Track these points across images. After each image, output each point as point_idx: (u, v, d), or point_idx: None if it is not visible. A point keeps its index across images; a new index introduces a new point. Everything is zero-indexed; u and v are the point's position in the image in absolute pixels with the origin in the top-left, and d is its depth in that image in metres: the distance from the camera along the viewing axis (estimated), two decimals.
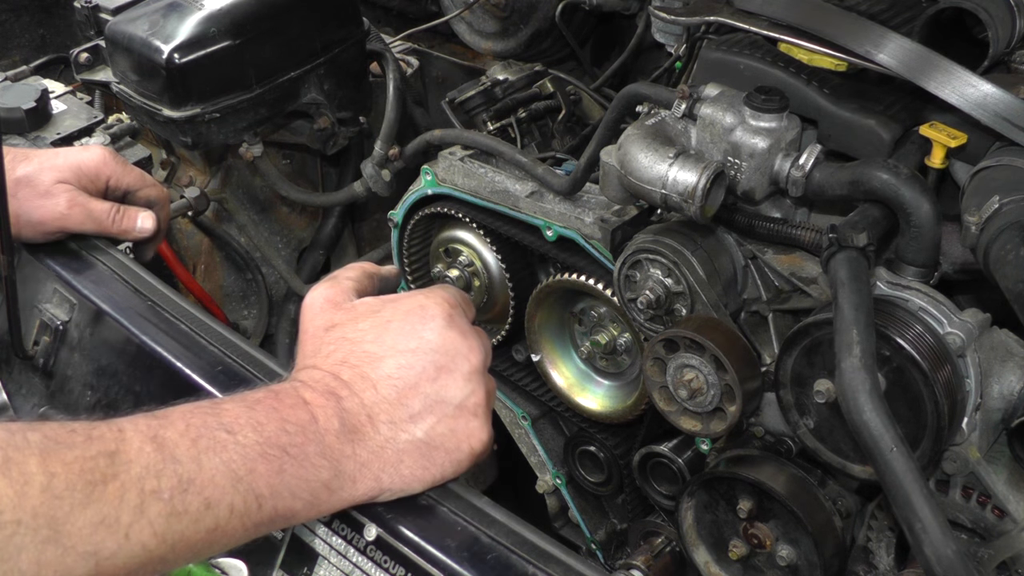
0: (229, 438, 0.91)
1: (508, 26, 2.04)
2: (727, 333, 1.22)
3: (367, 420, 0.99)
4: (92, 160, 1.48)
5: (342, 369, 1.01)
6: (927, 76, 1.17)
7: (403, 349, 1.02)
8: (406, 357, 1.02)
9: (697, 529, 1.36)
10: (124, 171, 1.51)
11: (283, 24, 1.80)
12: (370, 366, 1.01)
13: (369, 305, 1.07)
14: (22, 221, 1.43)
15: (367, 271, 1.16)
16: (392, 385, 1.01)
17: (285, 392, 0.98)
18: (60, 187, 1.44)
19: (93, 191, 1.48)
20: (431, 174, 1.60)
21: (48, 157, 1.47)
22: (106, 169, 1.49)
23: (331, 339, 1.04)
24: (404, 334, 1.03)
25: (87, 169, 1.47)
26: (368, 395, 1.00)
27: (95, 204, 1.47)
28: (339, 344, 1.03)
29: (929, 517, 0.94)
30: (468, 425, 1.03)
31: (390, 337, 1.03)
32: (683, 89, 1.26)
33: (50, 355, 1.44)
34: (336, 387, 0.99)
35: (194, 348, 1.32)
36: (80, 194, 1.45)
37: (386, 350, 1.02)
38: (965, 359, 1.11)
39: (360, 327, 1.04)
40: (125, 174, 1.51)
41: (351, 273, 1.13)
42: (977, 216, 1.09)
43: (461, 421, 1.03)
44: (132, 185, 1.52)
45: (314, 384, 1.00)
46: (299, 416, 0.95)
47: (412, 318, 1.04)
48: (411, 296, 1.08)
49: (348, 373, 1.01)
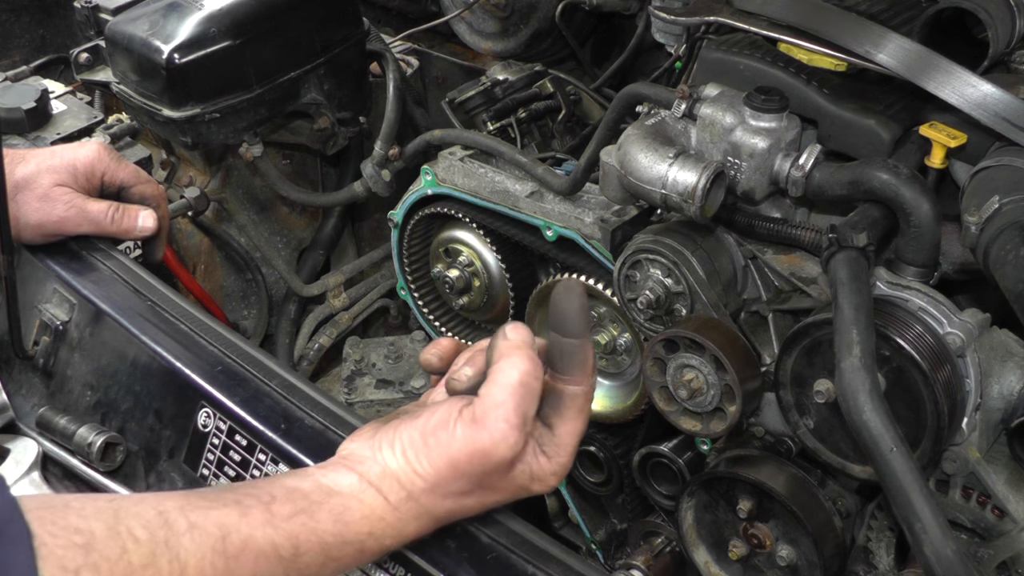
0: None
1: (508, 26, 2.04)
2: (727, 333, 1.22)
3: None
4: (87, 157, 1.47)
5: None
6: (927, 76, 1.17)
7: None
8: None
9: (697, 529, 1.36)
10: (119, 166, 1.51)
11: (283, 24, 1.80)
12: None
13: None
14: (21, 224, 1.42)
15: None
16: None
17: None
18: (58, 190, 1.44)
19: (89, 189, 1.48)
20: (431, 174, 1.60)
21: (45, 158, 1.46)
22: (100, 165, 1.48)
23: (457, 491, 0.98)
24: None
25: (82, 167, 1.47)
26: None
27: (92, 205, 1.46)
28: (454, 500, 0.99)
29: (929, 517, 0.94)
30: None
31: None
32: (683, 89, 1.26)
33: (50, 355, 1.44)
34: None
35: (194, 348, 1.32)
36: (77, 196, 1.45)
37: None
38: (965, 359, 1.11)
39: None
40: (119, 170, 1.50)
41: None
42: (977, 216, 1.09)
43: None
44: (126, 181, 1.51)
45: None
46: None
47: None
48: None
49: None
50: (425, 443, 0.93)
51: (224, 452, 1.23)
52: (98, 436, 1.30)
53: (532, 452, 0.95)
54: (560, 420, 0.96)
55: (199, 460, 1.25)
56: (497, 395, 0.91)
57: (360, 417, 1.23)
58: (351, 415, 1.23)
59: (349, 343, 1.94)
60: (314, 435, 1.20)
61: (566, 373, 0.95)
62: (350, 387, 1.86)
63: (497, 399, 0.91)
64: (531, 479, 0.96)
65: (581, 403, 0.96)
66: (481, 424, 0.91)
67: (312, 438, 1.19)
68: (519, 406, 0.91)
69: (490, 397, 0.92)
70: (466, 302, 1.68)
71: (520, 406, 0.91)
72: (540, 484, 0.97)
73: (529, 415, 0.92)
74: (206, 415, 1.25)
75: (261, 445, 1.20)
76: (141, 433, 1.32)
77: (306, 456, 1.17)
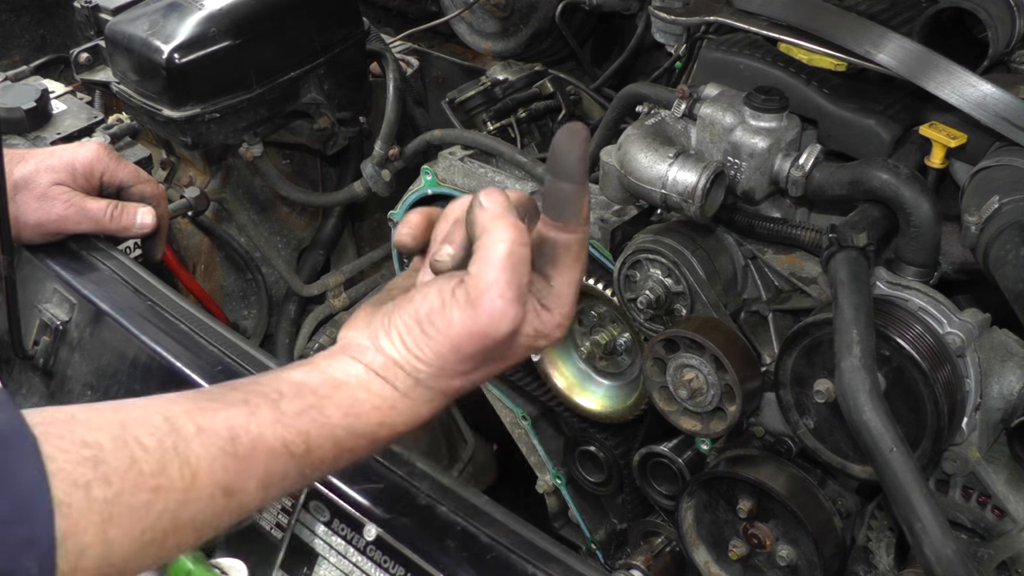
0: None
1: (508, 26, 2.04)
2: (727, 333, 1.22)
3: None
4: (86, 157, 1.48)
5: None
6: (927, 76, 1.17)
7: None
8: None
9: (697, 529, 1.36)
10: (118, 166, 1.51)
11: (283, 24, 1.80)
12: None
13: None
14: (21, 223, 1.42)
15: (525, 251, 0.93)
16: None
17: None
18: (56, 189, 1.44)
19: (88, 188, 1.48)
20: (431, 174, 1.60)
21: (43, 157, 1.47)
22: (99, 165, 1.48)
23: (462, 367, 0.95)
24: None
25: (81, 167, 1.47)
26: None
27: (91, 203, 1.46)
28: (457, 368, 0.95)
29: (929, 517, 0.94)
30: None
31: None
32: (683, 89, 1.26)
33: (50, 355, 1.44)
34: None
35: (194, 348, 1.32)
36: (76, 195, 1.45)
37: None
38: (965, 359, 1.11)
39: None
40: (119, 169, 1.51)
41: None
42: (977, 216, 1.09)
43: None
44: (126, 181, 1.51)
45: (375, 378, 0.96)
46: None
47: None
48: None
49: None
50: (423, 331, 0.91)
51: None
52: None
53: (533, 310, 0.93)
54: (557, 271, 0.94)
55: None
56: (488, 274, 0.88)
57: None
58: None
59: None
60: None
61: (561, 220, 0.92)
62: None
63: (488, 278, 0.88)
64: (536, 336, 0.94)
65: (577, 251, 0.93)
66: (477, 305, 0.89)
67: None
68: (512, 279, 0.88)
69: (481, 277, 0.89)
70: None
71: (513, 279, 0.88)
72: (545, 339, 0.95)
73: (524, 283, 0.90)
74: None
75: None
76: None
77: None
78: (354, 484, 1.15)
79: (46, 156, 1.47)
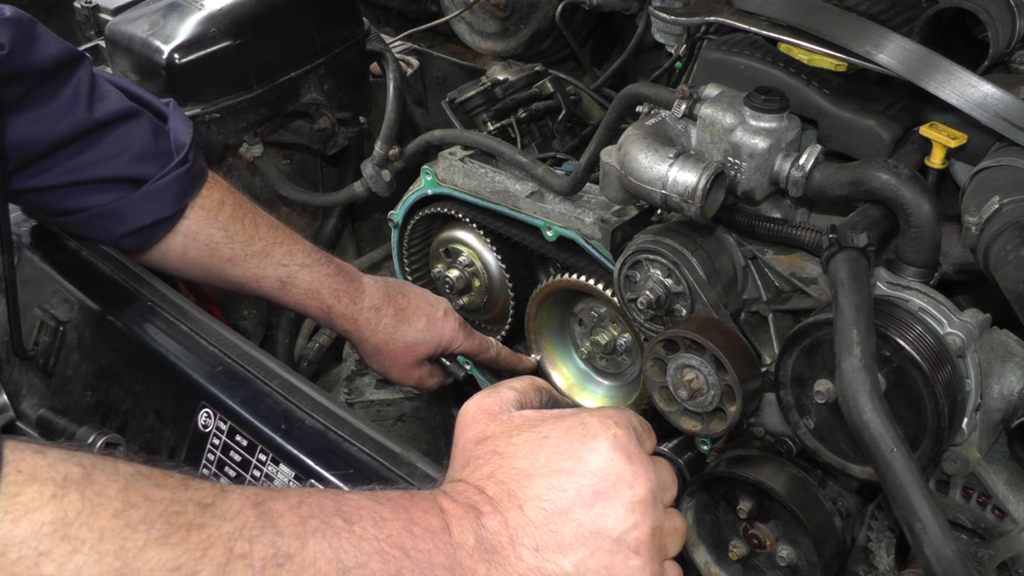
0: (344, 526, 0.81)
1: (508, 26, 2.04)
2: (727, 333, 1.22)
3: (508, 543, 0.86)
4: (448, 339, 1.61)
5: (488, 484, 0.89)
6: (927, 76, 1.17)
7: (557, 469, 0.88)
8: (559, 478, 0.88)
9: (697, 529, 1.36)
10: (466, 342, 1.63)
11: (283, 24, 1.80)
12: (519, 484, 0.88)
13: (526, 418, 0.93)
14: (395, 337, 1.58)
15: (536, 384, 1.00)
16: (541, 508, 0.87)
17: (421, 496, 0.88)
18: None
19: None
20: (431, 174, 1.60)
21: (423, 326, 1.61)
22: (454, 345, 1.63)
23: (481, 452, 0.92)
24: (560, 452, 0.89)
25: (444, 344, 1.62)
26: (513, 515, 0.87)
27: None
28: (488, 458, 0.91)
29: (929, 517, 0.94)
30: (627, 564, 0.88)
31: (544, 454, 0.89)
32: (683, 89, 1.26)
33: (50, 355, 1.44)
34: (478, 501, 0.88)
35: (194, 348, 1.32)
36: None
37: (538, 468, 0.89)
38: (965, 359, 1.11)
39: (514, 441, 0.91)
40: (466, 343, 1.64)
41: (517, 384, 0.99)
42: (977, 216, 1.09)
43: (619, 558, 0.87)
44: (469, 352, 1.66)
45: (455, 495, 0.89)
46: (430, 522, 0.85)
47: (572, 436, 0.90)
48: (575, 413, 0.94)
49: (493, 489, 0.88)
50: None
51: (224, 452, 1.23)
52: (98, 436, 1.30)
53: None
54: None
55: (200, 460, 1.25)
56: None
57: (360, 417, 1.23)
58: (351, 415, 1.23)
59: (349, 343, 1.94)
60: (315, 435, 1.20)
61: None
62: (350, 387, 1.86)
63: None
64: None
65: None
66: None
67: (313, 438, 1.19)
68: None
69: None
70: (466, 302, 1.68)
71: None
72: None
73: None
74: (206, 415, 1.25)
75: (262, 445, 1.20)
76: (141, 433, 1.32)
77: (307, 456, 1.17)
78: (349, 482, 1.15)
79: (424, 327, 1.60)
